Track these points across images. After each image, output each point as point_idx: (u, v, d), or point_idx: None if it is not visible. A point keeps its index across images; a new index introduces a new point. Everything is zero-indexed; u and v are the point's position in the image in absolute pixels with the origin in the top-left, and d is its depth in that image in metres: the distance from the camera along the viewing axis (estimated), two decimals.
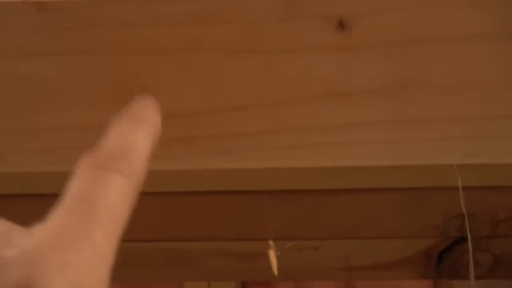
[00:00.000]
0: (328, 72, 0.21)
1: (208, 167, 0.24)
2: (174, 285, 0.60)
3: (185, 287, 0.52)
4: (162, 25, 0.20)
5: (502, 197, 0.31)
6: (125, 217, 0.15)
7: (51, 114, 0.23)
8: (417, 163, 0.24)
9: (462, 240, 0.32)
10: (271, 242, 0.27)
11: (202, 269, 0.34)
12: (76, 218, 0.14)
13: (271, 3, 0.20)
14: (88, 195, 0.14)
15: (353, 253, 0.33)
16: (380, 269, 0.34)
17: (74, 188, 0.15)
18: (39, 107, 0.22)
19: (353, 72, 0.21)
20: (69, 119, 0.23)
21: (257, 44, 0.21)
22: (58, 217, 0.14)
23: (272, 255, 0.26)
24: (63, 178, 0.16)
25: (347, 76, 0.21)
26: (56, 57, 0.21)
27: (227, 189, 0.32)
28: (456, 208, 0.31)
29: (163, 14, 0.20)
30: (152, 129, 0.17)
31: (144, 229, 0.33)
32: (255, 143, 0.23)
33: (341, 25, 0.20)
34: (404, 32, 0.20)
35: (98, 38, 0.21)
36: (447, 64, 0.21)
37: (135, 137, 0.16)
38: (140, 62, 0.21)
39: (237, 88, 0.22)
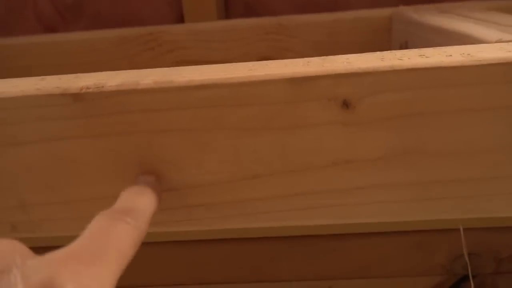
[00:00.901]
0: (335, 144, 0.24)
1: (226, 227, 0.26)
2: None
3: None
4: (185, 109, 0.23)
5: (504, 237, 0.33)
6: (129, 256, 0.19)
7: (85, 188, 0.25)
8: (419, 219, 0.25)
9: (467, 277, 0.34)
10: None
11: None
12: (92, 245, 0.18)
13: (280, 87, 0.22)
14: (102, 232, 0.19)
15: None
16: None
17: (91, 227, 0.19)
18: (74, 182, 0.25)
19: (357, 144, 0.24)
20: (100, 191, 0.25)
21: (269, 122, 0.23)
22: (77, 242, 0.18)
23: None
24: None
25: (352, 147, 0.24)
26: (89, 140, 0.24)
27: (242, 236, 0.34)
28: (461, 249, 0.33)
29: (185, 100, 0.23)
30: (152, 199, 0.22)
31: (166, 274, 0.35)
32: (269, 206, 0.25)
33: (346, 104, 0.23)
34: (403, 109, 0.23)
35: (126, 122, 0.23)
36: (442, 134, 0.23)
37: (139, 202, 0.22)
38: (165, 141, 0.24)
39: (252, 160, 0.24)
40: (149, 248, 0.34)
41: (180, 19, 0.57)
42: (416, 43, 0.40)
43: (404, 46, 0.43)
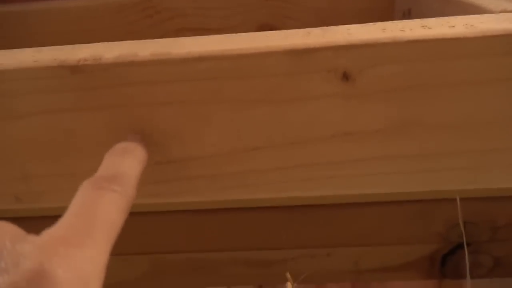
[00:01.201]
0: (334, 116, 0.24)
1: (227, 198, 0.26)
2: None
3: None
4: (184, 82, 0.23)
5: (500, 206, 0.33)
6: (119, 225, 0.19)
7: (85, 159, 0.25)
8: (418, 190, 0.26)
9: (463, 244, 0.34)
10: (288, 275, 0.29)
11: (223, 275, 0.37)
12: (80, 222, 0.17)
13: (281, 60, 0.22)
14: (89, 206, 0.18)
15: (362, 258, 0.36)
16: (387, 272, 0.37)
17: (77, 201, 0.19)
18: (75, 153, 0.25)
19: (356, 116, 0.23)
20: (100, 163, 0.25)
21: (269, 94, 0.23)
22: (65, 221, 0.17)
23: (289, 286, 0.29)
24: None
25: (351, 119, 0.24)
26: (89, 112, 0.24)
27: (244, 206, 0.34)
28: (457, 217, 0.34)
29: (184, 73, 0.22)
30: (138, 158, 0.22)
31: (171, 242, 0.36)
32: (269, 177, 0.26)
33: (345, 77, 0.22)
34: (402, 81, 0.22)
35: (125, 94, 0.23)
36: (442, 107, 0.23)
37: (124, 165, 0.21)
38: (164, 113, 0.24)
39: (252, 132, 0.24)
40: (146, 217, 0.34)
41: None
42: (420, 11, 0.39)
43: (407, 14, 0.42)
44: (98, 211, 0.18)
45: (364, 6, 0.46)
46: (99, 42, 0.25)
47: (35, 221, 0.35)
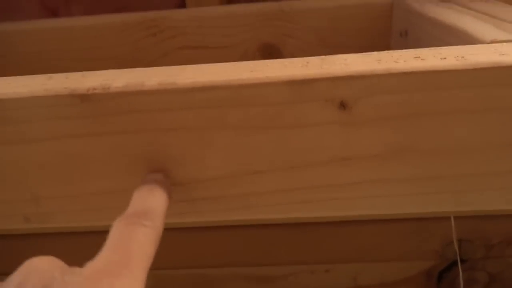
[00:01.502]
0: (332, 142, 0.25)
1: (228, 219, 0.27)
2: None
3: None
4: (188, 110, 0.24)
5: (494, 225, 0.34)
6: (152, 256, 0.21)
7: (94, 182, 0.26)
8: (413, 211, 0.27)
9: (460, 261, 0.35)
10: None
11: None
12: (117, 256, 0.19)
13: (280, 89, 0.23)
14: (124, 240, 0.20)
15: (361, 274, 0.37)
16: (385, 287, 0.38)
17: (112, 237, 0.20)
18: (84, 176, 0.26)
19: (353, 142, 0.25)
20: (109, 186, 0.26)
21: (270, 122, 0.24)
22: (104, 255, 0.19)
23: None
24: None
25: (348, 145, 0.25)
26: (97, 137, 0.25)
27: (245, 223, 0.35)
28: (452, 235, 0.35)
29: (188, 101, 0.24)
30: (163, 195, 0.24)
31: (172, 258, 0.37)
32: (270, 199, 0.27)
33: (342, 105, 0.23)
34: (397, 110, 0.23)
35: (133, 121, 0.24)
36: (436, 134, 0.24)
37: (151, 201, 0.23)
38: (169, 139, 0.25)
39: (254, 157, 0.25)
40: None
41: (182, 4, 0.57)
42: (416, 33, 0.40)
43: (404, 34, 0.43)
44: (133, 244, 0.20)
45: (363, 26, 0.48)
46: (104, 58, 0.26)
47: (38, 238, 0.36)
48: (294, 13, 0.48)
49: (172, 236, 0.36)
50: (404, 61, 0.23)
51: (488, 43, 0.26)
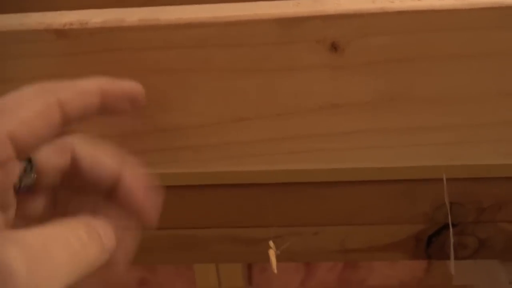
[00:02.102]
0: (323, 88, 0.23)
1: (213, 170, 0.26)
2: (184, 267, 0.64)
3: (194, 269, 0.56)
4: (172, 49, 0.23)
5: (486, 188, 0.34)
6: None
7: None
8: (405, 165, 0.26)
9: (449, 225, 0.34)
10: (271, 243, 0.30)
11: (211, 252, 0.37)
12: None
13: (269, 28, 0.22)
14: None
15: (349, 238, 0.36)
16: (374, 252, 0.37)
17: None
18: None
19: (345, 88, 0.23)
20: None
21: (257, 64, 0.23)
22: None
23: (272, 254, 0.29)
24: None
25: (339, 91, 0.24)
26: (74, 78, 0.23)
27: (232, 182, 0.34)
28: (444, 198, 0.34)
29: (172, 40, 0.22)
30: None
31: (159, 218, 0.36)
32: (256, 149, 0.25)
33: (334, 47, 0.22)
34: (390, 53, 0.22)
35: (112, 61, 0.23)
36: (431, 80, 0.23)
37: None
38: (151, 81, 0.23)
39: (240, 102, 0.24)
40: None
41: None
42: None
43: None
44: None
45: None
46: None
47: None
48: None
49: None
50: (400, 0, 0.22)
51: None
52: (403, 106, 0.24)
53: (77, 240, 0.17)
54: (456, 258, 0.38)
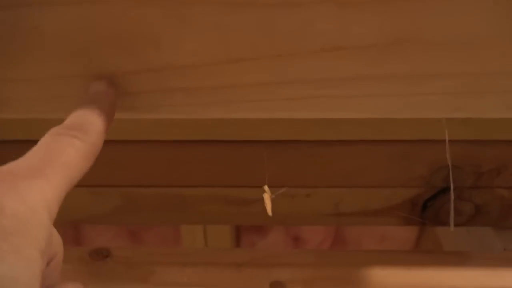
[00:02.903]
0: (326, 27, 0.22)
1: (207, 116, 0.25)
2: (170, 228, 0.63)
3: (181, 230, 0.55)
4: None
5: (486, 151, 0.33)
6: (78, 169, 0.19)
7: (52, 64, 0.23)
8: (407, 116, 0.25)
9: (446, 190, 0.34)
10: (266, 187, 0.28)
11: (199, 213, 0.36)
12: (33, 160, 0.18)
13: None
14: (45, 148, 0.19)
15: (343, 201, 0.35)
16: (368, 216, 0.36)
17: (39, 144, 0.19)
18: (40, 56, 0.23)
19: (349, 28, 0.22)
20: (70, 69, 0.23)
21: None
22: (18, 161, 0.18)
23: (267, 197, 0.28)
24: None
25: (343, 31, 0.22)
26: (56, 7, 0.22)
27: (225, 138, 0.33)
28: (442, 160, 0.33)
29: None
30: (106, 109, 0.22)
31: (145, 175, 0.34)
32: (252, 94, 0.24)
33: None
34: None
35: None
36: (440, 22, 0.22)
37: (89, 115, 0.21)
38: (142, 14, 0.22)
39: (237, 41, 0.22)
40: (119, 146, 0.32)
41: None
42: None
43: None
44: (54, 152, 0.18)
45: None
46: None
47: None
48: None
49: (144, 149, 0.33)
50: None
51: None
52: (408, 50, 0.22)
53: None
54: (449, 224, 0.37)
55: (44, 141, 0.19)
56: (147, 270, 0.32)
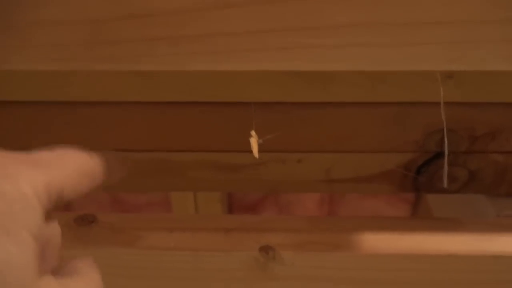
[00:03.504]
0: None
1: (191, 67, 0.24)
2: (160, 195, 0.62)
3: (171, 197, 0.54)
4: None
5: (481, 114, 0.32)
6: (74, 179, 0.18)
7: (33, 11, 0.22)
8: (401, 68, 0.24)
9: (440, 155, 0.33)
10: (253, 132, 0.27)
11: (188, 179, 0.35)
12: (35, 156, 0.18)
13: None
14: (53, 152, 0.19)
15: (335, 166, 0.34)
16: (360, 182, 0.35)
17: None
18: (20, 2, 0.22)
19: None
20: (47, 15, 0.22)
21: None
22: (24, 153, 0.17)
23: (254, 141, 0.27)
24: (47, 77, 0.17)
25: None
26: None
27: (214, 100, 0.32)
28: (437, 124, 0.32)
29: None
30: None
31: (131, 139, 0.33)
32: (241, 43, 0.23)
33: None
34: None
35: None
36: None
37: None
38: None
39: None
40: (103, 108, 0.31)
41: None
42: None
43: None
44: (56, 156, 0.18)
45: None
46: None
47: None
48: None
49: (130, 112, 0.32)
50: None
51: None
52: None
53: None
54: (444, 191, 0.36)
55: (50, 149, 0.19)
56: (133, 235, 0.31)
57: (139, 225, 0.32)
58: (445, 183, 0.29)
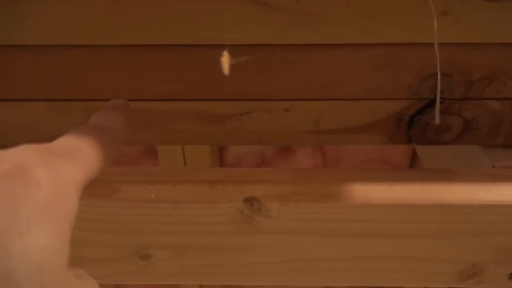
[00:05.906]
0: None
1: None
2: (146, 149, 0.60)
3: (158, 151, 0.52)
4: None
5: (478, 56, 0.30)
6: (98, 160, 0.19)
7: None
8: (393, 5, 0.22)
9: (434, 102, 0.31)
10: (225, 52, 0.26)
11: (170, 131, 0.33)
12: (63, 145, 0.18)
13: None
14: (77, 137, 0.19)
15: (323, 116, 0.33)
16: (350, 133, 0.34)
17: (68, 135, 0.19)
18: None
19: None
20: None
21: None
22: (56, 141, 0.18)
23: (225, 59, 0.25)
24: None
25: None
26: None
27: (194, 42, 0.30)
28: (431, 67, 0.30)
29: None
30: (124, 115, 0.23)
31: (107, 87, 0.31)
32: None
33: None
34: None
35: None
36: None
37: (111, 119, 0.23)
38: None
39: None
40: (87, 52, 0.29)
41: None
42: None
43: None
44: (81, 143, 0.19)
45: None
46: None
47: None
48: None
49: (105, 57, 0.30)
50: None
51: None
52: None
53: None
54: (437, 142, 0.35)
55: (73, 133, 0.20)
56: (111, 188, 0.30)
57: (118, 177, 0.30)
58: (437, 120, 0.27)
